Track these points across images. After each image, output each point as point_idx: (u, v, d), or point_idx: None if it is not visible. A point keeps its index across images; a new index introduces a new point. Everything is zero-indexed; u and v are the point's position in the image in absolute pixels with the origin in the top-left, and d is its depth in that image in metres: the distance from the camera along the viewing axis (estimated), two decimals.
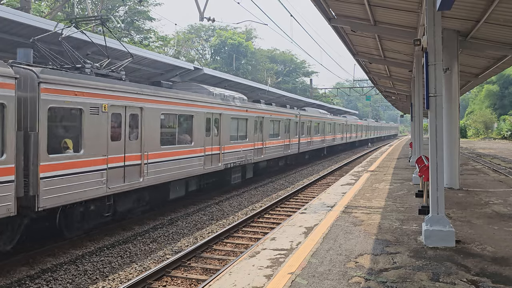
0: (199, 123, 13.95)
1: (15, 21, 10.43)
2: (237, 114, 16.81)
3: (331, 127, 35.75)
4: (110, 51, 13.83)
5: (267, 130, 20.21)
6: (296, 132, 25.56)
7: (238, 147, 16.95)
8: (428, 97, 6.55)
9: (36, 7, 29.50)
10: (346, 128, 42.87)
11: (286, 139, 23.54)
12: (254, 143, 18.50)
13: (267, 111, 20.45)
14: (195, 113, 13.71)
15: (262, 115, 19.58)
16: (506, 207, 9.56)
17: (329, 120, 35.11)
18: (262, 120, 19.59)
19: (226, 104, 15.84)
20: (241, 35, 63.35)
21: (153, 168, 11.56)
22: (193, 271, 8.32)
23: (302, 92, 63.91)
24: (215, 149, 15.12)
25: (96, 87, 9.62)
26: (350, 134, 45.50)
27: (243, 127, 17.66)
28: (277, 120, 22.05)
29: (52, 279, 7.83)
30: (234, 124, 16.83)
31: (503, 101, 66.73)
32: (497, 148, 38.79)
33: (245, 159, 17.54)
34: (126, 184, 10.58)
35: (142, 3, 40.09)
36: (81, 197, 9.27)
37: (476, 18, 9.96)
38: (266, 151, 20.13)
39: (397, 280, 5.08)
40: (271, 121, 21.12)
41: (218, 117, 15.24)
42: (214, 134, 14.94)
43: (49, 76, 8.48)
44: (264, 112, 20.03)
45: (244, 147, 17.49)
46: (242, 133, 17.55)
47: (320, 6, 11.38)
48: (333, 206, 9.88)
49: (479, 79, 19.12)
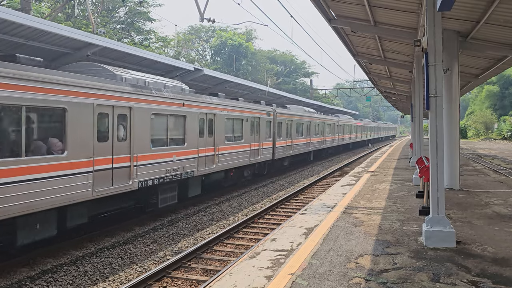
0: (76, 122, 9.12)
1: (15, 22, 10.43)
2: (165, 109, 12.22)
3: (318, 127, 31.24)
4: (110, 52, 13.89)
5: (221, 131, 15.69)
6: (269, 134, 20.88)
7: (167, 155, 12.41)
8: (428, 97, 6.55)
9: (37, 8, 29.53)
10: (338, 129, 38.60)
11: (254, 142, 18.82)
12: (198, 149, 13.89)
13: (221, 106, 15.72)
14: (70, 104, 8.94)
15: (212, 111, 14.93)
16: (506, 207, 9.55)
17: (315, 120, 30.31)
18: (214, 118, 15.05)
19: (141, 93, 11.22)
20: (241, 36, 63.38)
21: None
22: (194, 272, 8.31)
23: (302, 93, 63.92)
24: (120, 160, 10.47)
25: None
26: (343, 135, 41.19)
27: (178, 127, 13.11)
28: (239, 119, 17.31)
29: (52, 280, 7.83)
30: (160, 123, 12.26)
31: (503, 101, 66.73)
32: (497, 148, 38.79)
33: (183, 171, 13.04)
34: None
35: (142, 4, 40.13)
36: None
37: (476, 19, 9.96)
38: (220, 158, 15.51)
39: (397, 281, 5.08)
40: (229, 119, 16.48)
41: (126, 113, 10.68)
42: (117, 138, 10.42)
43: None
44: (216, 107, 15.25)
45: (181, 154, 13.01)
46: (177, 135, 13.04)
47: (320, 7, 11.39)
48: (333, 207, 9.88)
49: (479, 80, 19.12)
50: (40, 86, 8.26)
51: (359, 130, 51.30)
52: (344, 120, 41.98)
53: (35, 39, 11.78)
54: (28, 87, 8.01)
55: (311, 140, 28.95)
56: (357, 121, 52.56)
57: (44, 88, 8.35)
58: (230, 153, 16.51)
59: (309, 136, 28.37)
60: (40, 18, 13.55)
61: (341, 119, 40.65)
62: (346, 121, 42.82)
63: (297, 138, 25.67)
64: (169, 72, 17.79)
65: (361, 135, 52.93)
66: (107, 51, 13.67)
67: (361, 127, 52.82)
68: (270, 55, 72.44)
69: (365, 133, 55.97)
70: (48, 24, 11.56)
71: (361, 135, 53.26)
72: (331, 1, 11.11)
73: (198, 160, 13.99)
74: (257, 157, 19.30)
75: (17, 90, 7.79)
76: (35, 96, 8.14)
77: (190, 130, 13.50)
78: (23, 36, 11.43)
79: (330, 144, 35.80)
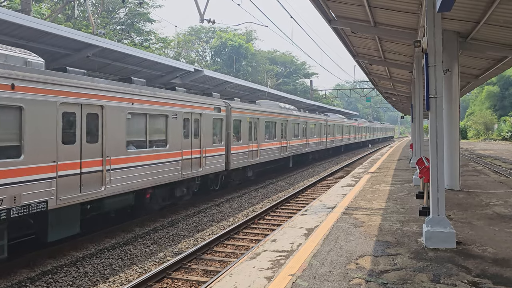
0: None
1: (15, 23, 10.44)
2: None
3: (299, 128, 26.44)
4: (110, 53, 13.89)
5: (119, 133, 10.49)
6: (220, 137, 15.90)
7: None
8: (428, 98, 6.56)
9: (37, 9, 29.55)
10: (328, 130, 34.24)
11: (191, 148, 13.65)
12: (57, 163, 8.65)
13: (121, 96, 10.56)
14: None
15: (97, 101, 9.73)
16: (507, 208, 9.55)
17: (293, 119, 25.34)
18: (103, 113, 9.93)
19: None
20: (241, 36, 63.42)
21: None
22: (194, 273, 8.31)
23: (302, 94, 63.96)
24: None
25: None
26: (333, 137, 36.46)
27: None
28: (154, 114, 11.84)
29: (52, 281, 7.83)
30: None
31: (504, 102, 66.70)
32: (497, 149, 38.77)
33: None
34: None
35: (142, 5, 40.17)
36: None
37: (476, 20, 9.96)
38: (117, 176, 10.36)
39: (397, 282, 5.08)
40: (138, 115, 11.27)
41: None
42: None
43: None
44: (106, 96, 10.04)
45: None
46: None
47: (320, 7, 11.39)
48: (333, 208, 9.87)
49: (479, 80, 19.12)
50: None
51: (353, 130, 45.99)
52: (334, 119, 37.49)
53: (35, 40, 11.79)
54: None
55: (288, 143, 24.17)
56: (352, 121, 48.76)
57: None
58: (140, 167, 11.27)
59: (286, 139, 23.80)
60: (40, 19, 13.55)
61: (331, 118, 36.50)
62: (337, 120, 38.40)
63: (267, 141, 20.94)
64: (170, 73, 17.80)
65: (355, 137, 48.07)
66: (107, 52, 13.67)
67: (356, 128, 47.65)
68: (270, 56, 72.48)
69: (359, 134, 50.88)
70: (48, 25, 11.56)
71: (356, 136, 48.53)
72: (331, 2, 11.11)
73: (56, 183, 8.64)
74: (198, 169, 14.19)
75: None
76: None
77: (28, 134, 8.10)
78: (23, 37, 11.44)
79: (316, 147, 30.98)
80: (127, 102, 10.74)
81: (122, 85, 10.78)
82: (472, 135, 66.91)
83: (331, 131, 36.08)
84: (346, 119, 44.76)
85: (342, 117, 44.92)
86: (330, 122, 35.36)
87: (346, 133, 42.90)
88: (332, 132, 36.45)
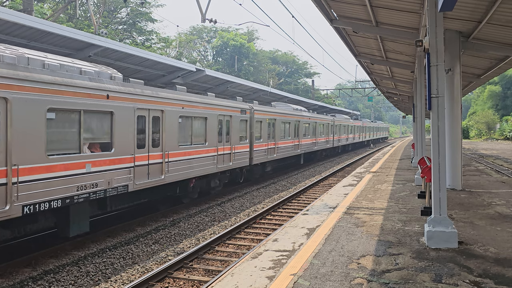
0: None
1: (17, 23, 10.47)
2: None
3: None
4: (111, 52, 13.91)
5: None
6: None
7: None
8: (430, 98, 6.54)
9: (39, 9, 29.61)
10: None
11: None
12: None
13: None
14: None
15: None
16: (509, 208, 9.53)
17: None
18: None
19: None
20: (243, 36, 63.41)
21: None
22: (195, 272, 8.32)
23: (304, 93, 63.94)
24: None
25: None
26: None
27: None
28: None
29: (54, 280, 7.85)
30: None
31: (506, 101, 66.55)
32: (499, 149, 38.67)
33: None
34: None
35: (144, 4, 40.20)
36: None
37: (478, 19, 9.94)
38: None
39: (399, 282, 5.07)
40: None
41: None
42: None
43: None
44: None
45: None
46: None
47: (322, 7, 11.38)
48: (335, 207, 9.87)
49: (482, 80, 19.07)
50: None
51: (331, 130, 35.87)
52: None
53: (37, 40, 11.82)
54: None
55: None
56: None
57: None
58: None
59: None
60: (42, 19, 13.57)
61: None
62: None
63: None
64: (171, 73, 17.81)
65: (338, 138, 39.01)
66: (109, 52, 13.69)
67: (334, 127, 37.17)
68: (271, 56, 72.47)
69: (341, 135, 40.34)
70: (50, 25, 11.58)
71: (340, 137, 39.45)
72: (332, 1, 11.10)
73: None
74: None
75: None
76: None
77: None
78: (25, 37, 11.46)
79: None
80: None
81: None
82: (474, 134, 66.78)
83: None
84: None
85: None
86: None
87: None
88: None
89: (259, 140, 19.56)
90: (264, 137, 20.10)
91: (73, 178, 9.02)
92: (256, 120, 19.10)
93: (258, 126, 19.44)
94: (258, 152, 19.41)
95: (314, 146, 29.33)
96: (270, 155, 20.89)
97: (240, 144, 17.28)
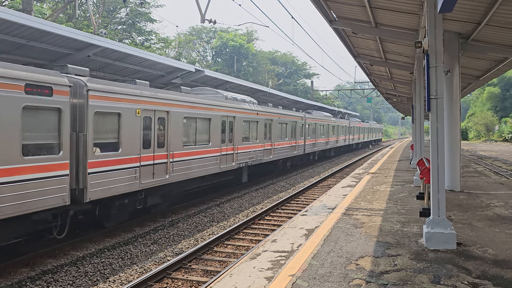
0: None
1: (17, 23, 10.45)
2: None
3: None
4: (111, 52, 13.90)
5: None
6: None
7: None
8: (429, 99, 6.55)
9: (38, 9, 29.58)
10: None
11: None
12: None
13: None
14: None
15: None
16: (507, 209, 9.54)
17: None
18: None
19: None
20: (242, 37, 63.44)
21: None
22: (194, 273, 8.31)
23: (303, 94, 63.96)
24: None
25: None
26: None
27: None
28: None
29: (52, 280, 7.83)
30: None
31: (505, 103, 66.60)
32: (498, 150, 38.70)
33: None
34: None
35: (143, 5, 40.19)
36: None
37: (477, 20, 9.95)
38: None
39: (398, 283, 5.07)
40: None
41: None
42: None
43: None
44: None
45: None
46: None
47: (321, 8, 11.38)
48: (334, 208, 9.87)
49: (481, 81, 19.10)
50: None
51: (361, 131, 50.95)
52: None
53: (36, 39, 11.81)
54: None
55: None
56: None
57: None
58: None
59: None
60: (41, 19, 13.55)
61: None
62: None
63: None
64: (170, 73, 17.80)
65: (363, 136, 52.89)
66: (108, 52, 13.68)
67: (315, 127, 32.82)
68: (271, 56, 72.50)
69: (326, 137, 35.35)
70: (49, 24, 11.57)
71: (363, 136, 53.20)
72: (332, 2, 11.11)
73: None
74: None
75: None
76: None
77: None
78: (24, 37, 11.45)
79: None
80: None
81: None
82: (473, 136, 66.82)
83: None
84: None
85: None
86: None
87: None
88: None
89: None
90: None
91: None
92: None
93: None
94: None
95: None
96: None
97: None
